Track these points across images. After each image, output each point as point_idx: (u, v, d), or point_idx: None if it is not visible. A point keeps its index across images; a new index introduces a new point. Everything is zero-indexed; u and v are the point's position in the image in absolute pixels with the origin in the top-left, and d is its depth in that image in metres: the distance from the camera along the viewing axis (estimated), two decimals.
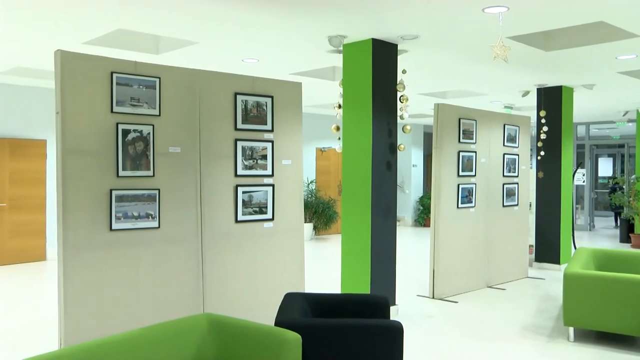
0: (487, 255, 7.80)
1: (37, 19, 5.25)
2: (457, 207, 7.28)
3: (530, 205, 9.17)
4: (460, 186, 7.30)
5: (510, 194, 8.20)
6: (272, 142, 5.20)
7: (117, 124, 4.28)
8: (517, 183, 8.34)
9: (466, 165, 7.39)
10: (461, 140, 7.32)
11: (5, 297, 6.93)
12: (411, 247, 11.74)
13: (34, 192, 9.39)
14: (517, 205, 8.35)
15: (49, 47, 6.35)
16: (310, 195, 12.93)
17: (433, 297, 7.03)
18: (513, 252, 8.29)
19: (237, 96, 4.99)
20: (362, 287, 5.98)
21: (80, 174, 4.12)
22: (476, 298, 7.10)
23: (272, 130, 5.22)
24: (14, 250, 9.16)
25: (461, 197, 7.32)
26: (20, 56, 6.95)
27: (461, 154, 7.31)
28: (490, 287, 7.79)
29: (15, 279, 8.07)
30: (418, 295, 7.18)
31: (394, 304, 6.23)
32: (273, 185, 5.20)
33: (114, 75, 4.28)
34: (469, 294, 7.31)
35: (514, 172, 8.27)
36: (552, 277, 8.50)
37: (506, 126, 8.09)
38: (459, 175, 7.30)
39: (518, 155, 8.34)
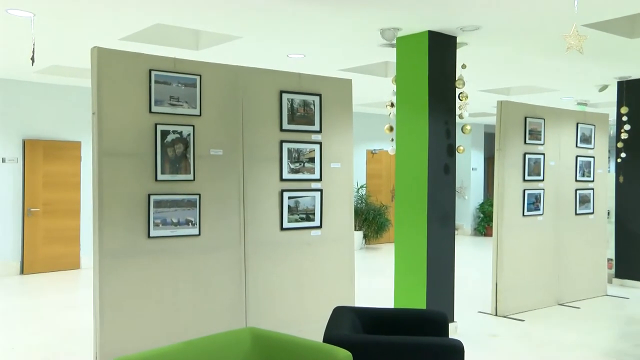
0: (557, 269, 7.63)
1: (72, 15, 5.46)
2: (523, 215, 7.16)
3: (608, 214, 8.91)
4: (527, 192, 7.18)
5: (584, 200, 8.00)
6: (320, 143, 5.24)
7: (156, 124, 4.39)
8: (593, 189, 8.13)
9: (533, 168, 7.26)
10: (527, 141, 7.20)
11: (39, 307, 7.19)
12: (471, 258, 11.58)
13: (68, 197, 9.72)
14: (592, 213, 8.14)
15: (84, 43, 6.58)
16: (360, 201, 12.92)
17: (496, 314, 6.93)
18: (588, 267, 8.07)
19: (283, 94, 5.05)
20: (417, 301, 5.95)
21: (116, 178, 4.25)
22: (546, 317, 6.95)
23: (320, 131, 5.25)
24: (48, 257, 9.49)
25: (527, 204, 7.19)
26: (55, 54, 7.22)
27: (527, 156, 7.19)
28: (561, 304, 7.60)
29: (49, 288, 8.36)
30: (479, 312, 7.09)
31: (452, 320, 6.17)
32: (321, 190, 5.24)
33: (153, 73, 4.40)
34: (537, 312, 7.16)
35: (589, 176, 8.07)
36: (638, 296, 8.21)
37: (580, 125, 7.91)
38: (524, 180, 7.18)
39: (593, 157, 8.13)
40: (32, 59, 5.29)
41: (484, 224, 15.27)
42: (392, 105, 6.26)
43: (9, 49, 6.98)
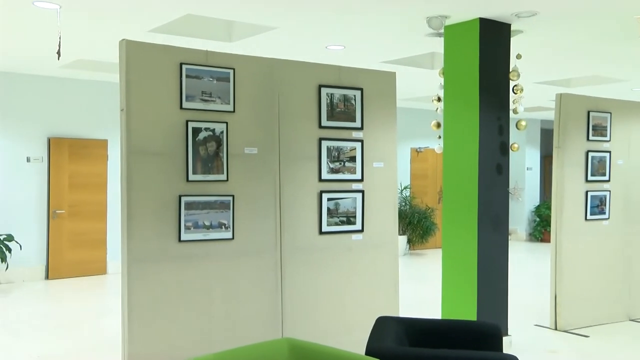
0: (628, 279, 7.45)
1: (99, 6, 5.58)
2: (586, 219, 7.03)
3: None
4: (590, 194, 7.05)
5: None
6: (362, 141, 5.25)
7: (187, 121, 4.47)
8: None
9: (597, 168, 7.13)
10: (591, 137, 7.08)
11: (65, 314, 7.37)
12: (526, 266, 11.42)
13: (95, 198, 9.92)
14: None
15: (112, 36, 6.71)
16: (404, 204, 12.88)
17: (556, 329, 6.82)
18: None
19: (322, 89, 5.07)
20: (467, 312, 5.90)
21: (145, 178, 4.33)
22: (614, 333, 6.79)
23: (361, 128, 5.26)
24: (73, 262, 9.70)
25: (591, 207, 7.06)
26: (81, 47, 7.39)
27: (590, 154, 7.06)
28: (634, 320, 7.42)
29: (75, 295, 8.57)
30: (536, 325, 6.99)
31: (506, 334, 6.11)
32: (363, 191, 5.25)
33: (183, 67, 4.47)
34: (603, 328, 7.01)
35: None
36: None
37: None
38: (587, 181, 7.05)
39: None
40: (58, 52, 5.44)
41: (540, 229, 15.08)
42: (439, 99, 6.23)
43: (33, 43, 7.17)
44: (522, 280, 9.74)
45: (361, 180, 5.26)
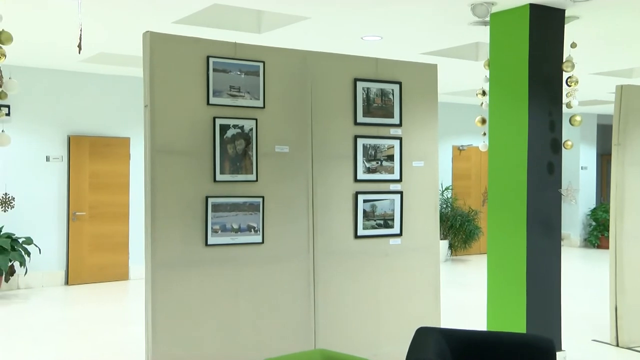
0: None
1: None
2: None
3: None
4: None
5: None
6: (400, 139, 5.25)
7: (214, 118, 4.52)
8: None
9: None
10: None
11: (86, 322, 7.51)
12: (581, 274, 11.29)
13: (116, 199, 10.07)
14: None
15: (135, 28, 6.81)
16: (445, 206, 12.82)
17: (617, 345, 6.71)
18: None
19: (357, 83, 5.09)
20: (516, 324, 5.86)
21: (170, 178, 4.39)
22: None
23: (400, 125, 5.27)
24: (94, 266, 9.85)
25: None
26: (103, 40, 7.51)
27: None
28: None
29: (96, 301, 8.71)
30: (594, 341, 6.90)
31: (560, 349, 6.05)
32: (401, 193, 5.25)
33: (211, 60, 4.53)
34: None
35: None
36: None
37: None
38: None
39: None
40: (79, 46, 5.53)
41: (597, 234, 14.88)
42: (484, 93, 6.20)
43: (53, 36, 7.31)
44: (577, 290, 9.62)
45: (399, 180, 5.26)
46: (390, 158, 5.21)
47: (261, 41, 7.17)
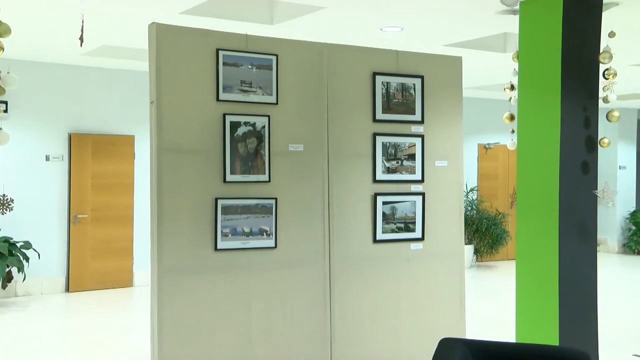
0: None
1: None
2: None
3: None
4: None
5: None
6: (422, 137, 5.26)
7: (224, 115, 4.55)
8: None
9: None
10: None
11: (88, 331, 7.57)
12: (619, 283, 11.22)
13: (120, 201, 10.11)
14: None
15: (140, 19, 6.86)
16: (470, 208, 12.80)
17: None
18: None
19: (376, 77, 5.11)
20: (547, 335, 5.85)
21: (178, 179, 4.43)
22: None
23: (422, 122, 5.28)
24: (97, 273, 9.90)
25: None
26: (107, 32, 7.56)
27: None
28: None
29: (99, 309, 8.76)
30: (635, 356, 6.87)
31: None
32: (423, 194, 5.26)
33: (220, 53, 4.56)
34: None
35: None
36: None
37: None
38: None
39: None
40: (81, 38, 5.59)
41: (637, 239, 14.80)
42: (512, 87, 6.19)
43: (54, 28, 7.37)
44: (615, 299, 9.56)
45: (421, 181, 5.27)
46: (412, 157, 5.22)
47: (274, 33, 7.20)
